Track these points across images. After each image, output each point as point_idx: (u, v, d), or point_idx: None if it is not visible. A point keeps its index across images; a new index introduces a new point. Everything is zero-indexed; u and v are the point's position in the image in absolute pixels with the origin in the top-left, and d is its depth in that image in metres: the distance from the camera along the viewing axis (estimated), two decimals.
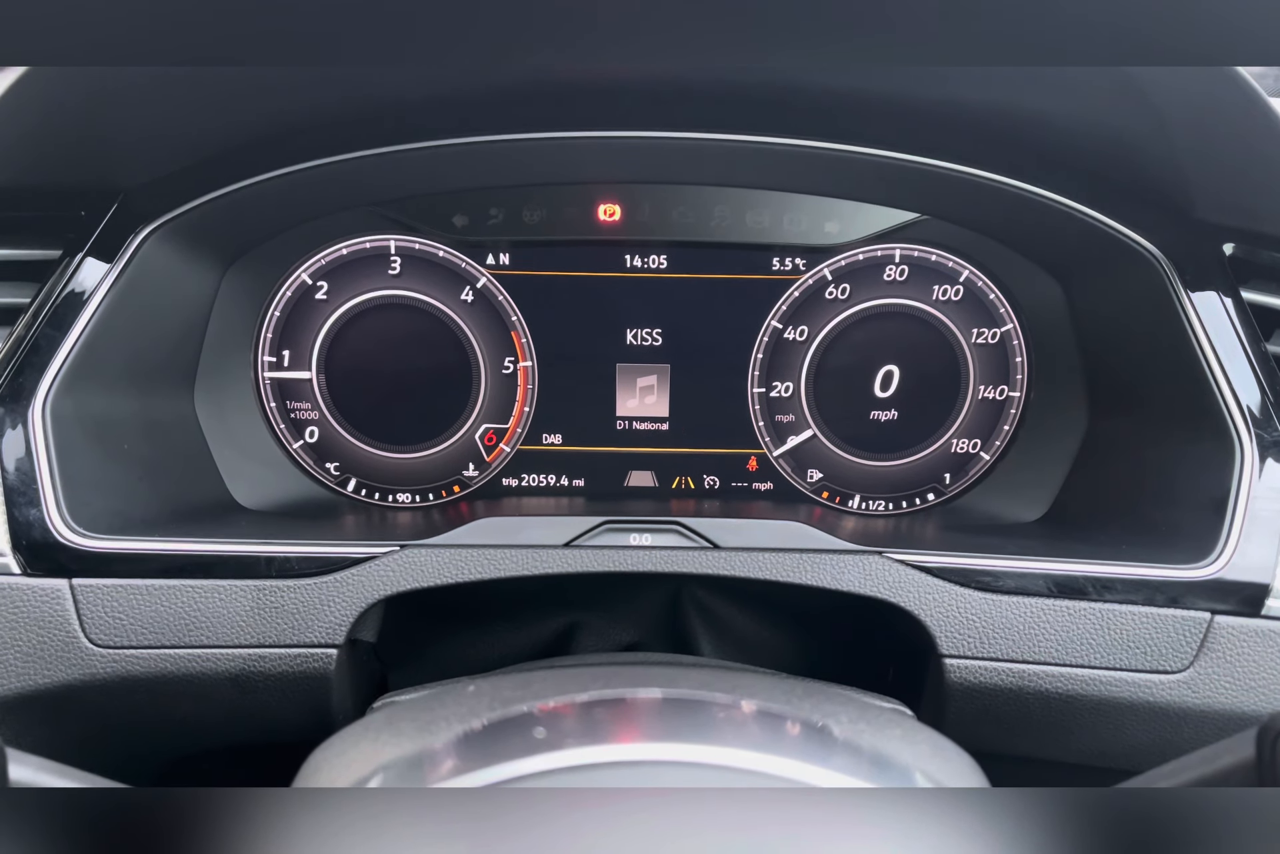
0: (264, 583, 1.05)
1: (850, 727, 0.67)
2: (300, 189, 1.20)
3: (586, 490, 1.43)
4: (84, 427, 1.10)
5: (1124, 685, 1.04)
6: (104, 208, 1.12)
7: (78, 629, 1.01)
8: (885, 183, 1.26)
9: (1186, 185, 1.14)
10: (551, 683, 0.73)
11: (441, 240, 1.34)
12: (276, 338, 1.36)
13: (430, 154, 1.20)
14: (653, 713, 0.68)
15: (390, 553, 1.07)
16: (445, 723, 0.66)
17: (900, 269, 1.36)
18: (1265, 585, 1.03)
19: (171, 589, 1.03)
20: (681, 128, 1.19)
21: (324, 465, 1.40)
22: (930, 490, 1.43)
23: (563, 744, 0.56)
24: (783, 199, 1.32)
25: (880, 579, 1.07)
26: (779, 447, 1.42)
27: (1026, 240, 1.30)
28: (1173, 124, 1.05)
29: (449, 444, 1.40)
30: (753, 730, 0.65)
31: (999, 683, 1.04)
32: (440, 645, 1.31)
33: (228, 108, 1.09)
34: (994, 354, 1.38)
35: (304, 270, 1.34)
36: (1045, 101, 1.08)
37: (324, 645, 1.04)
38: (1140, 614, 1.04)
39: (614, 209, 1.32)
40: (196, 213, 1.15)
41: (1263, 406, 1.09)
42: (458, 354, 1.37)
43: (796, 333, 1.38)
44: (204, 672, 1.04)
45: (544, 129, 1.19)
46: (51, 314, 1.07)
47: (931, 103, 1.12)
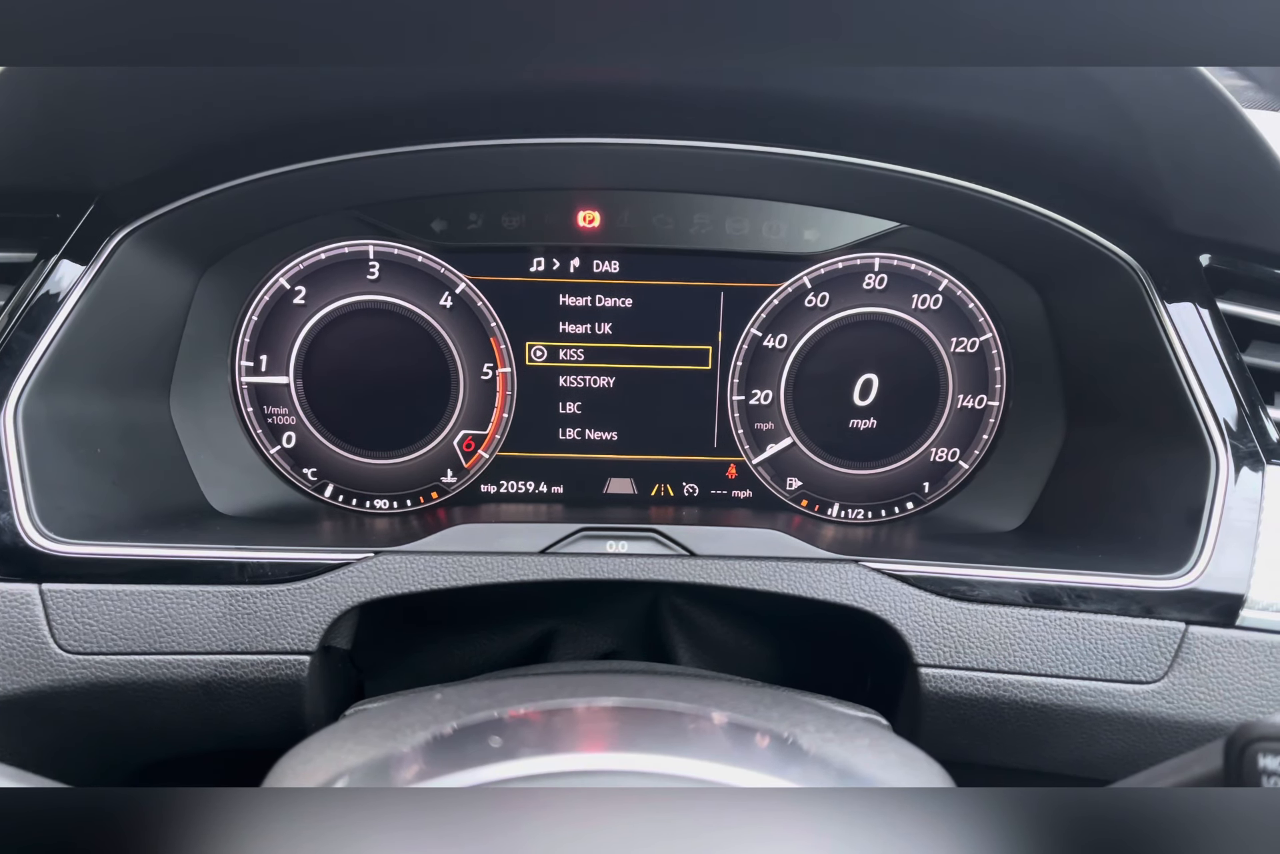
0: (237, 589, 1.04)
1: (817, 736, 0.67)
2: (278, 193, 1.20)
3: (565, 497, 1.42)
4: (57, 430, 1.09)
5: (1099, 695, 1.04)
6: (79, 210, 1.12)
7: (47, 635, 1.00)
8: (864, 191, 1.26)
9: (1164, 196, 1.15)
10: (519, 691, 0.72)
11: (420, 246, 1.33)
12: (254, 342, 1.35)
13: (409, 159, 1.19)
14: (615, 723, 0.68)
15: (365, 559, 1.06)
16: (410, 730, 0.66)
17: (879, 277, 1.36)
18: (1240, 596, 1.03)
19: (143, 595, 1.02)
20: (662, 135, 1.19)
21: (301, 471, 1.39)
22: (909, 499, 1.43)
23: (521, 753, 0.56)
24: (762, 207, 1.32)
25: (856, 588, 1.07)
26: (758, 455, 1.41)
27: (1005, 250, 1.31)
28: (1150, 135, 1.05)
29: (427, 450, 1.39)
30: (716, 740, 0.65)
31: (974, 692, 1.04)
32: (417, 653, 1.30)
33: (206, 110, 1.09)
34: (973, 363, 1.38)
35: (282, 275, 1.33)
36: (1023, 111, 1.09)
37: (297, 652, 1.04)
38: (1115, 624, 1.04)
39: (593, 215, 1.32)
40: (173, 216, 1.15)
41: (1238, 417, 1.09)
42: (436, 360, 1.37)
43: (776, 341, 1.38)
44: (175, 678, 1.03)
45: (524, 135, 1.19)
46: (25, 316, 1.06)
47: (911, 112, 1.12)
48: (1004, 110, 1.09)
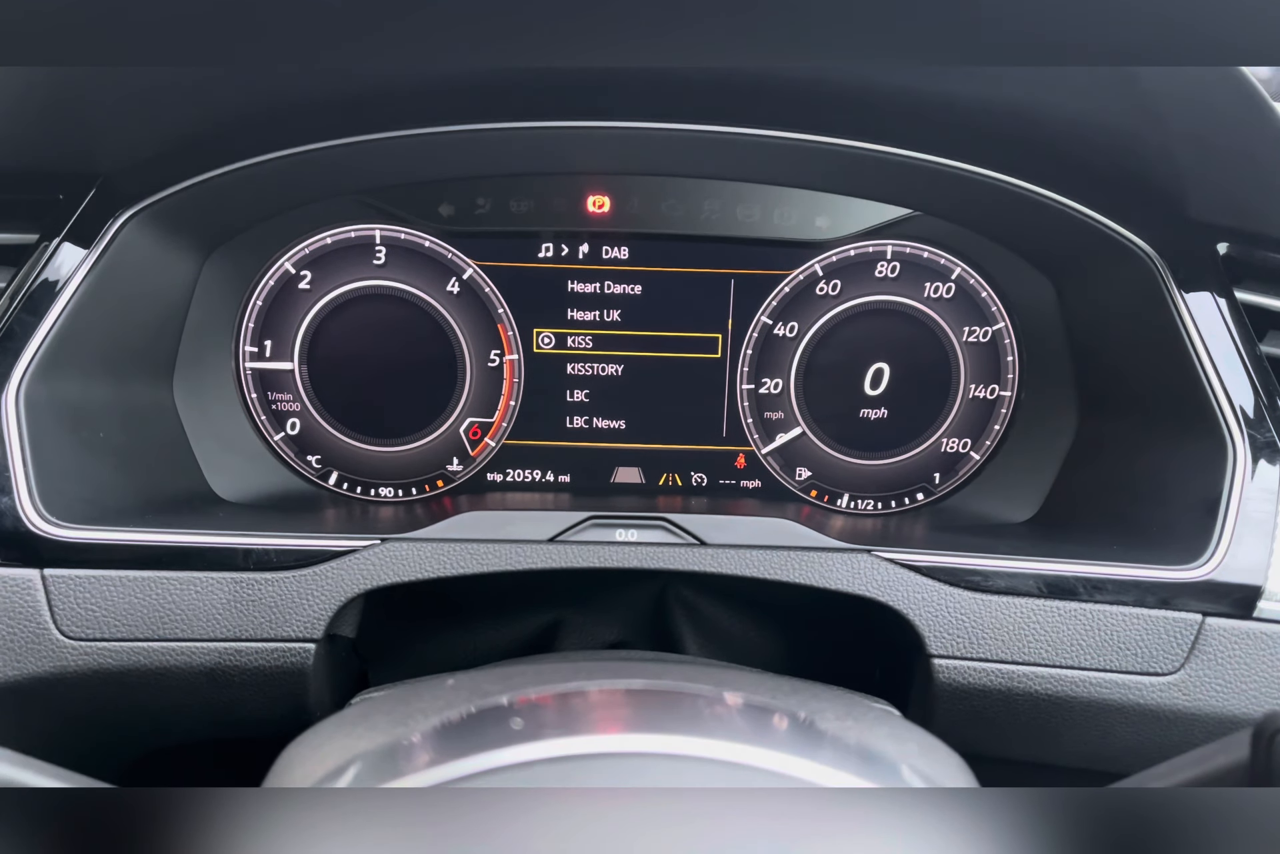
0: (241, 575, 1.03)
1: (837, 723, 0.66)
2: (284, 175, 1.18)
3: (572, 486, 1.41)
4: (59, 414, 1.07)
5: (1114, 687, 1.02)
6: (82, 192, 1.10)
7: (49, 621, 0.99)
8: (877, 177, 1.25)
9: (1181, 183, 1.13)
10: (531, 676, 0.71)
11: (428, 230, 1.32)
12: (258, 327, 1.33)
13: (417, 142, 1.18)
14: (636, 705, 0.66)
15: (371, 546, 1.05)
16: (421, 716, 0.65)
17: (891, 266, 1.34)
18: (1257, 587, 1.02)
19: (146, 581, 1.01)
20: (672, 119, 1.18)
21: (305, 458, 1.38)
22: (920, 490, 1.41)
23: (541, 735, 0.54)
24: (773, 193, 1.30)
25: (869, 578, 1.06)
26: (768, 444, 1.40)
27: (1019, 237, 1.29)
28: (1169, 121, 1.04)
29: (433, 438, 1.38)
30: (738, 723, 0.64)
31: (988, 684, 1.03)
32: (422, 642, 1.29)
33: (211, 91, 1.07)
34: (985, 353, 1.37)
35: (287, 259, 1.32)
36: (1039, 97, 1.07)
37: (302, 640, 1.03)
38: (1131, 615, 1.03)
39: (603, 201, 1.30)
40: (177, 198, 1.13)
41: (1255, 407, 1.08)
42: (443, 346, 1.35)
43: (786, 329, 1.36)
44: (178, 665, 1.02)
45: (532, 118, 1.18)
46: (27, 299, 1.05)
47: (925, 97, 1.11)
48: (1019, 96, 1.08)
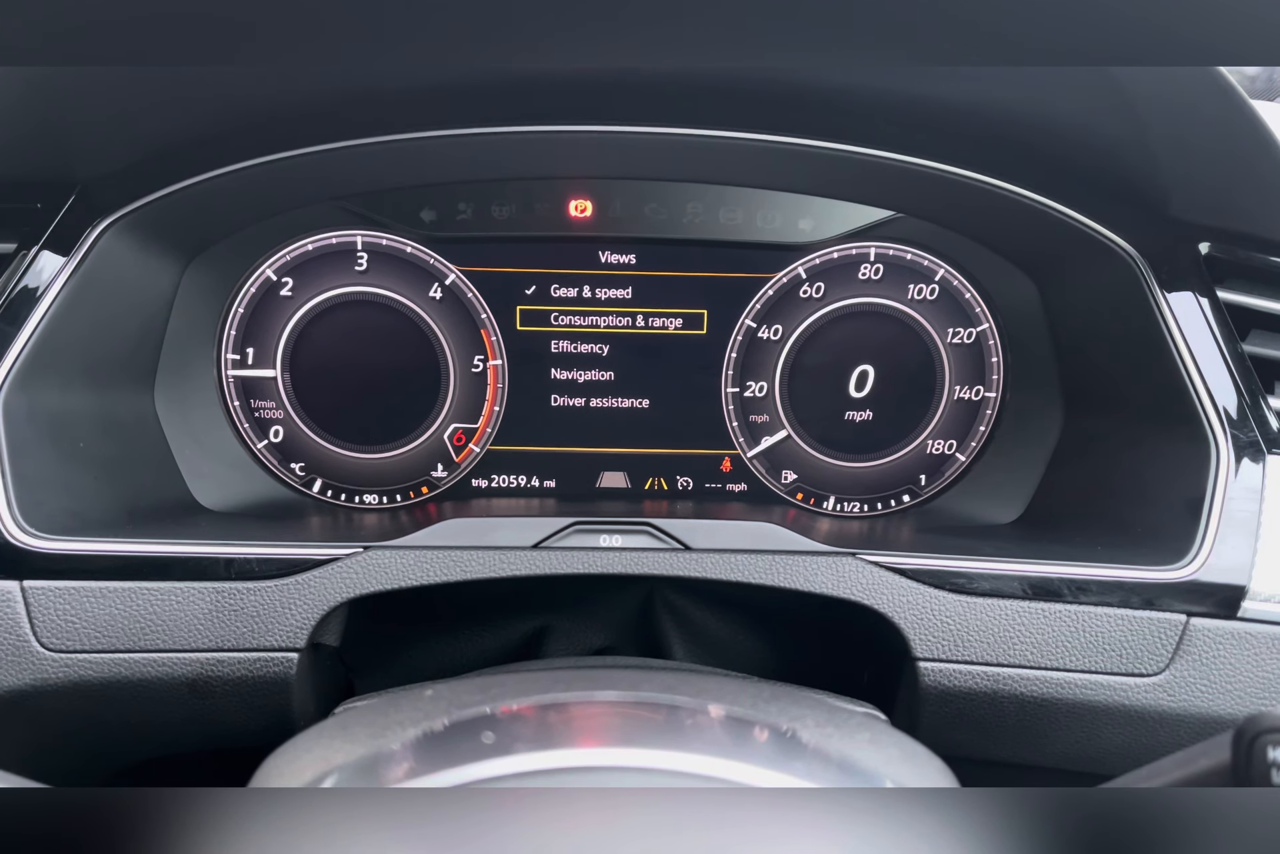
0: (223, 585, 1.02)
1: (817, 731, 0.65)
2: (264, 182, 1.18)
3: (558, 491, 1.41)
4: (38, 424, 1.06)
5: (1099, 689, 1.02)
6: (61, 200, 1.10)
7: (29, 633, 0.98)
8: (859, 180, 1.25)
9: (1163, 183, 1.13)
10: (511, 687, 0.70)
11: (410, 236, 1.31)
12: (240, 335, 1.33)
13: (397, 148, 1.17)
14: (613, 717, 0.66)
15: (354, 554, 1.05)
16: (401, 727, 0.64)
17: (875, 267, 1.34)
18: (1241, 587, 1.02)
19: (127, 591, 1.00)
20: (654, 123, 1.18)
21: (289, 466, 1.37)
22: (905, 492, 1.41)
23: (516, 749, 0.54)
24: (756, 196, 1.30)
25: (854, 581, 1.05)
26: (753, 447, 1.40)
27: (1002, 238, 1.29)
28: (1150, 121, 1.04)
29: (417, 444, 1.37)
30: (716, 735, 0.63)
31: (974, 686, 1.03)
32: (407, 650, 1.28)
33: (190, 98, 1.07)
34: (970, 354, 1.37)
35: (268, 266, 1.31)
36: (1021, 99, 1.07)
37: (284, 649, 1.02)
38: (1116, 616, 1.03)
39: (585, 205, 1.30)
40: (157, 206, 1.13)
41: (1239, 407, 1.08)
42: (426, 352, 1.35)
43: (770, 332, 1.36)
44: (160, 676, 1.01)
45: (514, 123, 1.17)
46: (5, 308, 1.04)
47: (907, 99, 1.11)
48: (1001, 98, 1.08)
